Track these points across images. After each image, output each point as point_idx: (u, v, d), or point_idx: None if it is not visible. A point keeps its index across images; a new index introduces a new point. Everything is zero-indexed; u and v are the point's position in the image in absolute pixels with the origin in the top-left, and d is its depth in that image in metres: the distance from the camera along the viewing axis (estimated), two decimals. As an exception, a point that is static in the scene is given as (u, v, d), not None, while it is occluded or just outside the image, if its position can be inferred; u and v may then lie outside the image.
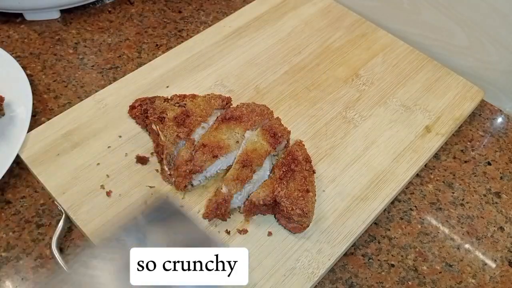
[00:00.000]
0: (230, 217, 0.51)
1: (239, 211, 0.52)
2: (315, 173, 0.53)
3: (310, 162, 0.53)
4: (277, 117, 0.57)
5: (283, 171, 0.51)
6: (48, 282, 0.47)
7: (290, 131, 0.56)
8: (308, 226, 0.50)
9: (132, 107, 0.59)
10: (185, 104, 0.56)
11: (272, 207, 0.51)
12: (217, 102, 0.57)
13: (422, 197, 0.58)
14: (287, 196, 0.49)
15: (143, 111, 0.57)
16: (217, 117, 0.56)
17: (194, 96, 0.58)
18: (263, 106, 0.57)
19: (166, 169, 0.53)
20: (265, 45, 0.69)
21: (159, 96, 0.59)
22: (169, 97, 0.58)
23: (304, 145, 0.54)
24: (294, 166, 0.51)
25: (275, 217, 0.52)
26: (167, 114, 0.55)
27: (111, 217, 0.50)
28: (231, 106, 0.58)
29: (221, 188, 0.51)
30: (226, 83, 0.64)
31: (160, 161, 0.55)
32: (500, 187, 0.60)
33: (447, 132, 0.61)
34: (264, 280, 0.47)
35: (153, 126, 0.55)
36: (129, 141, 0.57)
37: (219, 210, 0.50)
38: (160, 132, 0.54)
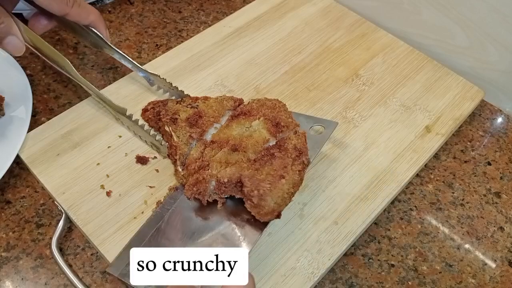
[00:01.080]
0: (210, 201, 0.49)
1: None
2: (309, 164, 0.50)
3: (304, 153, 0.50)
4: (289, 111, 0.54)
5: (261, 154, 0.49)
6: None
7: (298, 123, 0.53)
8: (271, 214, 0.46)
9: (144, 110, 0.59)
10: (197, 105, 0.56)
11: (241, 189, 0.48)
12: (229, 103, 0.56)
13: (422, 197, 0.58)
14: (250, 176, 0.46)
15: (156, 114, 0.57)
16: (228, 117, 0.56)
17: (206, 98, 0.58)
18: (275, 100, 0.55)
19: (180, 169, 0.53)
20: (265, 45, 0.69)
21: (172, 99, 0.59)
22: (181, 99, 0.58)
23: (305, 136, 0.51)
24: (277, 152, 0.49)
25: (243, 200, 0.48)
26: (179, 115, 0.55)
27: (111, 217, 0.50)
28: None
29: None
30: (226, 83, 0.64)
31: (174, 163, 0.54)
32: (500, 187, 0.60)
33: (447, 132, 0.61)
34: (264, 280, 0.47)
35: (166, 128, 0.55)
36: (129, 141, 0.57)
37: (196, 187, 0.48)
38: (173, 133, 0.54)
